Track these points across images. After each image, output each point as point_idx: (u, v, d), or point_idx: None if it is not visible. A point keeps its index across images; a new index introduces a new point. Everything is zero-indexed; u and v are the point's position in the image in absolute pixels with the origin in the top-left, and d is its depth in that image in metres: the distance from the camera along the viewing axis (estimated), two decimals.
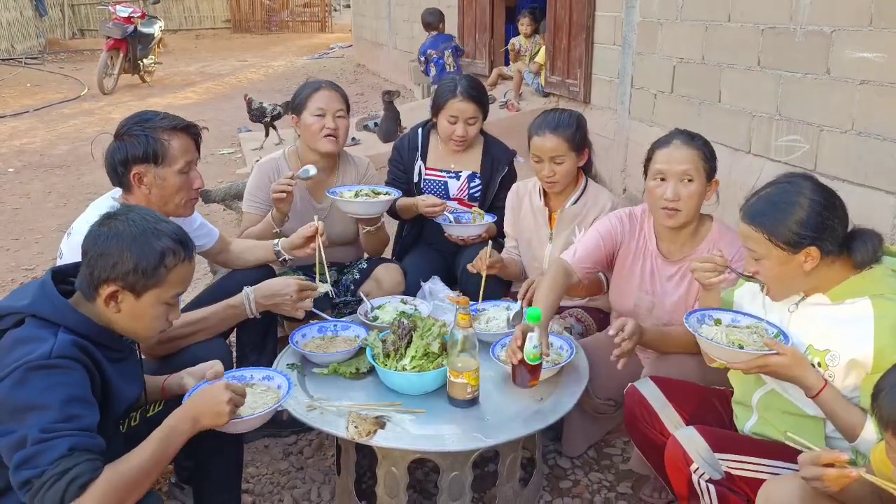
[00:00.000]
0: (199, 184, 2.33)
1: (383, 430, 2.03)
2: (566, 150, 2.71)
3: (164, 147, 2.20)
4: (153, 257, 1.67)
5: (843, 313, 1.77)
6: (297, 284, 2.38)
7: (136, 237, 1.68)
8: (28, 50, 15.66)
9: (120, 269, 1.65)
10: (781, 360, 1.74)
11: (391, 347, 2.27)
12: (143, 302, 1.70)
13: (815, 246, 1.73)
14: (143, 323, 1.74)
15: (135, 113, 2.29)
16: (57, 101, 10.57)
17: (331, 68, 13.45)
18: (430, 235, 3.26)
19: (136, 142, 2.19)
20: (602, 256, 2.51)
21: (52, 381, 1.53)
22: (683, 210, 2.29)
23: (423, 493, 2.46)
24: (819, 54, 3.43)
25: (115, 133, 2.26)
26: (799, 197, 1.76)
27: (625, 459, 2.65)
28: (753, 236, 1.79)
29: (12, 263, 4.71)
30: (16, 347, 1.58)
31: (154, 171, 2.21)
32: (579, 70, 6.03)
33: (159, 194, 2.23)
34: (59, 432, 1.49)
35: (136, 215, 1.73)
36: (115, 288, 1.66)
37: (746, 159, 3.97)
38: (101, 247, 1.67)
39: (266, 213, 2.93)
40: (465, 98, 3.08)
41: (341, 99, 2.95)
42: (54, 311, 1.65)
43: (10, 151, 7.77)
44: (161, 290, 1.71)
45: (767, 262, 1.79)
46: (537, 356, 2.08)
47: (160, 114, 2.28)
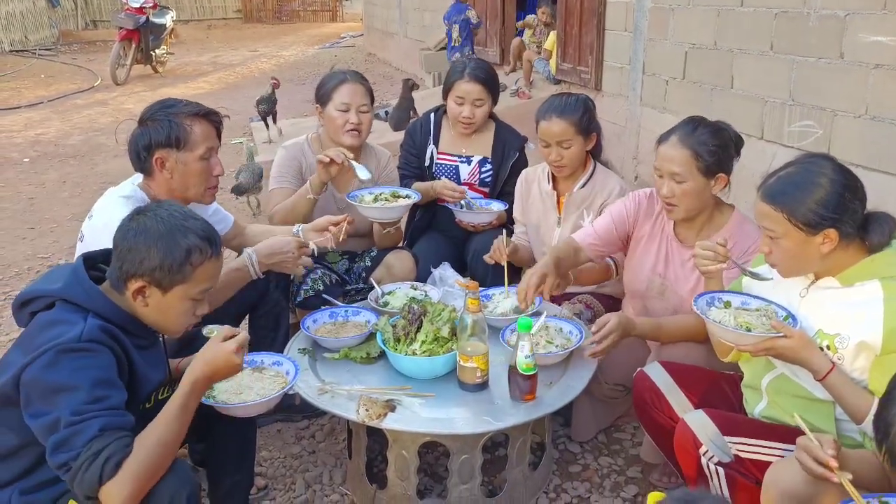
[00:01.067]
0: (220, 171, 2.35)
1: (394, 413, 2.06)
2: (573, 134, 2.71)
3: (186, 132, 2.23)
4: (179, 255, 1.69)
5: (853, 296, 1.77)
6: (297, 241, 2.39)
7: (163, 234, 1.69)
8: (41, 41, 15.75)
9: (147, 266, 1.68)
10: (788, 342, 1.74)
11: (402, 332, 2.29)
12: (169, 297, 1.72)
13: (835, 228, 1.72)
14: (170, 318, 1.76)
15: (159, 100, 2.33)
16: (70, 92, 10.64)
17: (342, 58, 13.44)
18: (441, 222, 3.27)
19: (159, 126, 2.22)
20: (614, 237, 2.53)
21: (81, 364, 1.57)
22: (680, 206, 2.29)
23: (433, 477, 2.48)
24: (833, 39, 3.41)
25: (140, 119, 2.30)
26: (820, 177, 1.74)
27: (635, 444, 2.66)
28: (772, 215, 1.77)
29: (28, 252, 4.77)
30: (46, 330, 1.62)
31: (176, 156, 2.23)
32: (590, 57, 6.01)
33: (180, 180, 2.26)
34: (89, 414, 1.53)
35: (164, 212, 1.74)
36: (142, 283, 1.69)
37: (759, 145, 3.94)
38: (130, 242, 1.69)
39: (295, 189, 2.91)
40: (472, 79, 3.08)
41: (366, 92, 2.95)
42: (85, 297, 1.68)
43: (26, 141, 7.83)
44: (187, 286, 1.72)
45: (784, 242, 1.77)
46: (531, 366, 2.06)
47: (183, 101, 2.31)
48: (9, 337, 3.61)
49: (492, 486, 2.41)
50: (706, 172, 2.23)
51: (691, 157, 2.21)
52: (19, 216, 5.51)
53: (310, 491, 2.46)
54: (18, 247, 4.89)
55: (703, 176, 2.23)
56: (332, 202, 2.99)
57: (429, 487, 2.43)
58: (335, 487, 2.48)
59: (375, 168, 3.08)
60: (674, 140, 2.25)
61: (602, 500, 2.40)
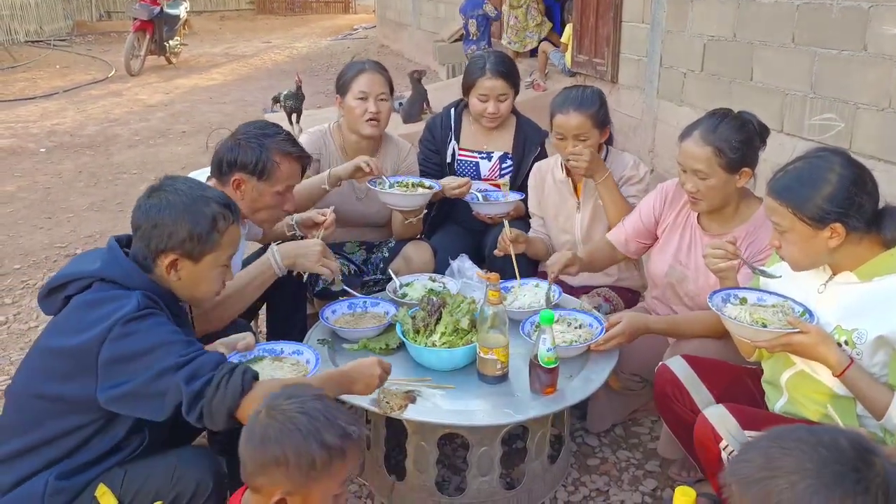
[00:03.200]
0: (290, 207, 2.39)
1: (414, 404, 2.05)
2: (590, 128, 2.69)
3: (274, 167, 2.25)
4: (206, 223, 1.73)
5: (871, 291, 1.76)
6: (322, 245, 2.39)
7: (187, 206, 1.73)
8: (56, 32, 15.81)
9: (176, 238, 1.71)
10: (805, 338, 1.73)
11: (421, 324, 2.28)
12: (201, 267, 1.76)
13: (841, 222, 1.71)
14: (203, 287, 1.81)
15: (260, 121, 2.36)
16: (85, 83, 10.68)
17: (355, 49, 13.41)
18: (460, 214, 3.26)
19: (250, 152, 2.23)
20: (642, 230, 2.58)
21: (154, 324, 1.63)
22: (704, 200, 2.28)
23: (451, 469, 2.48)
24: (855, 30, 3.37)
25: (234, 133, 2.31)
26: (828, 172, 1.73)
27: (653, 438, 2.65)
28: (778, 210, 1.77)
29: (46, 241, 4.80)
30: (95, 308, 1.64)
31: (255, 184, 2.25)
32: (607, 49, 5.97)
33: (250, 205, 2.28)
34: (195, 351, 1.61)
35: (182, 185, 1.78)
36: (174, 257, 1.72)
37: (778, 138, 3.91)
38: (154, 219, 1.72)
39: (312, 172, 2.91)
40: (494, 75, 3.06)
41: (384, 82, 2.94)
42: (124, 275, 1.71)
43: (42, 132, 7.87)
44: (217, 253, 1.77)
45: (791, 236, 1.77)
46: (552, 359, 2.06)
47: (282, 133, 2.32)
48: (27, 325, 3.64)
49: (510, 478, 2.41)
50: (729, 168, 2.21)
51: (714, 154, 2.19)
52: (36, 206, 5.55)
53: None
54: (36, 236, 4.92)
55: (727, 172, 2.21)
56: (351, 190, 2.98)
57: (447, 479, 2.43)
58: (353, 478, 2.48)
59: (396, 158, 3.08)
60: (696, 136, 2.23)
61: (621, 493, 2.39)
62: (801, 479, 1.01)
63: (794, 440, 1.07)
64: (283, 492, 1.38)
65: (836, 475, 1.00)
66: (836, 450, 1.03)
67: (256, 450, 1.39)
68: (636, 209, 2.62)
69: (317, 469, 1.37)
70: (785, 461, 1.04)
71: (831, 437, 1.05)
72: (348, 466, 1.43)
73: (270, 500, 1.38)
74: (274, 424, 1.39)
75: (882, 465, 1.02)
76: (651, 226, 2.56)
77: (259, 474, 1.39)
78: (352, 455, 1.43)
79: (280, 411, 1.41)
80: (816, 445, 1.04)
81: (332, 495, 1.44)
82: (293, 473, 1.37)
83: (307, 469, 1.37)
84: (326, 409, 1.43)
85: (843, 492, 0.98)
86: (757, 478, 1.04)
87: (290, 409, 1.40)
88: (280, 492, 1.38)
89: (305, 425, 1.38)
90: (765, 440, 1.11)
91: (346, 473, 1.44)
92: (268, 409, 1.42)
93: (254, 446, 1.39)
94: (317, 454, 1.37)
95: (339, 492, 1.45)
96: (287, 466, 1.36)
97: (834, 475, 1.00)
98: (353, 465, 1.45)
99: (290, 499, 1.39)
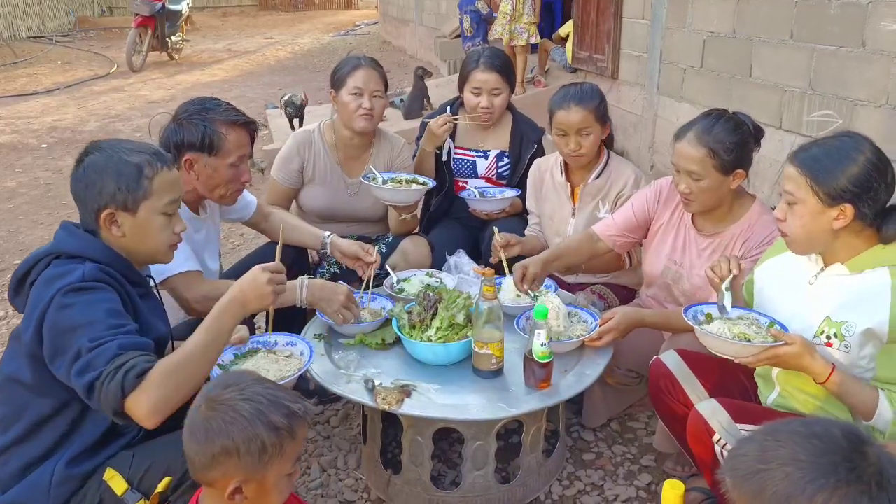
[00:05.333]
0: (247, 178, 2.36)
1: (409, 399, 2.06)
2: (593, 122, 2.69)
3: (221, 139, 2.23)
4: (132, 171, 1.72)
5: (862, 284, 1.76)
6: (348, 294, 2.37)
7: (110, 159, 1.73)
8: (58, 28, 15.84)
9: (107, 192, 1.71)
10: (791, 349, 1.74)
11: (417, 319, 2.29)
12: (140, 217, 1.75)
13: (853, 204, 1.71)
14: (151, 238, 1.79)
15: (197, 98, 2.31)
16: (87, 79, 10.71)
17: (357, 45, 13.42)
18: (457, 210, 3.27)
19: (194, 129, 2.21)
20: (634, 225, 2.55)
21: (90, 299, 1.60)
22: (696, 201, 2.28)
23: (447, 463, 2.49)
24: (854, 26, 3.36)
25: (174, 115, 2.28)
26: (856, 153, 1.72)
27: (648, 433, 2.66)
28: (796, 178, 1.76)
29: (46, 237, 4.81)
30: (48, 284, 1.64)
31: (206, 161, 2.24)
32: (607, 45, 5.96)
33: (206, 183, 2.26)
34: (106, 338, 1.56)
35: (105, 144, 1.78)
36: (109, 211, 1.72)
37: (777, 135, 3.91)
38: (84, 180, 1.73)
39: (292, 186, 2.95)
40: (487, 68, 3.06)
41: (379, 78, 2.95)
42: (78, 245, 1.71)
43: (43, 127, 7.90)
44: (151, 200, 1.75)
45: (799, 209, 1.76)
46: (546, 354, 2.07)
47: (222, 104, 2.29)
48: None
49: (505, 472, 2.42)
50: (723, 170, 2.20)
51: (708, 156, 2.19)
52: (37, 201, 5.57)
53: (325, 475, 2.48)
54: (36, 231, 4.94)
55: (720, 173, 2.21)
56: (344, 187, 3.00)
57: (443, 474, 2.44)
58: (350, 472, 2.49)
59: (389, 154, 3.09)
60: (690, 137, 2.22)
61: (616, 487, 2.40)
62: (794, 469, 1.01)
63: (787, 432, 1.07)
64: (237, 481, 1.38)
65: (830, 465, 1.00)
66: (829, 440, 1.03)
67: (203, 444, 1.38)
68: (629, 202, 2.60)
69: (268, 452, 1.37)
70: (779, 453, 1.05)
71: (824, 428, 1.06)
72: (298, 444, 1.44)
73: (226, 491, 1.39)
74: (217, 416, 1.38)
75: (876, 454, 1.02)
76: (643, 221, 2.55)
77: (210, 468, 1.39)
78: (300, 433, 1.44)
79: (220, 402, 1.40)
80: (810, 437, 1.04)
81: (286, 475, 1.45)
82: (245, 461, 1.37)
83: (259, 454, 1.37)
84: (268, 391, 1.42)
85: (836, 481, 0.98)
86: (752, 471, 1.05)
87: (231, 398, 1.39)
88: (235, 481, 1.38)
89: (249, 411, 1.37)
90: (759, 434, 1.12)
91: (297, 451, 1.45)
92: (207, 401, 1.41)
93: (199, 441, 1.39)
94: (266, 437, 1.37)
95: (291, 471, 1.46)
96: (238, 455, 1.36)
97: (827, 465, 1.00)
98: (302, 442, 1.46)
99: (245, 486, 1.40)
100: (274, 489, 1.43)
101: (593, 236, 2.60)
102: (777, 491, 1.01)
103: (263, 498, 1.43)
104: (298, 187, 3.00)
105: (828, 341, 1.80)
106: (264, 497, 1.43)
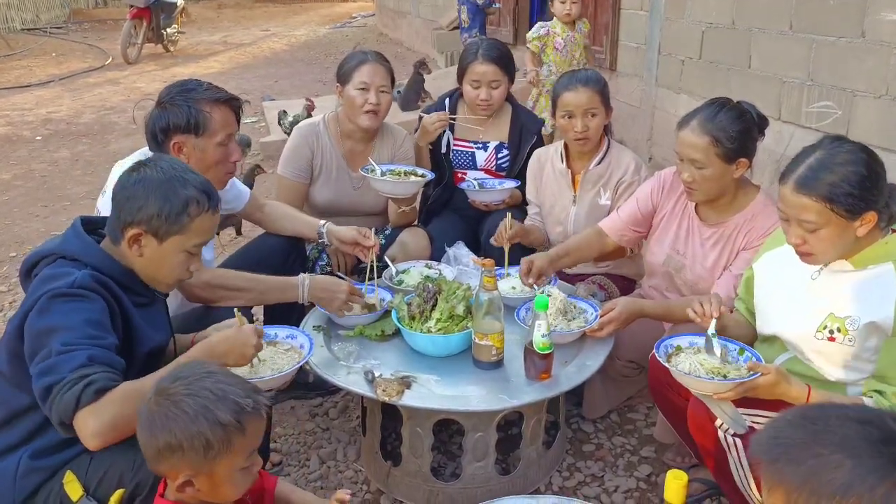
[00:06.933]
0: (237, 157, 2.34)
1: (409, 390, 2.06)
2: (599, 103, 2.70)
3: (206, 118, 2.20)
4: (178, 204, 1.70)
5: (865, 279, 1.76)
6: (350, 288, 2.37)
7: (162, 183, 1.70)
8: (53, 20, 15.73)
9: (144, 213, 1.69)
10: (769, 378, 1.73)
11: (416, 310, 2.28)
12: (165, 248, 1.73)
13: (874, 210, 1.69)
14: (164, 269, 1.77)
15: (178, 81, 2.29)
16: (82, 71, 10.64)
17: (353, 37, 13.36)
18: (457, 202, 3.26)
19: (178, 111, 2.19)
20: (639, 218, 2.54)
21: (73, 307, 1.59)
22: (699, 190, 2.27)
23: (447, 454, 2.49)
24: (854, 17, 3.35)
25: (158, 100, 2.26)
26: (854, 164, 1.68)
27: (648, 424, 2.66)
28: (812, 207, 1.69)
29: (42, 229, 4.79)
30: (43, 283, 1.64)
31: (194, 142, 2.21)
32: (605, 36, 5.95)
33: (197, 165, 2.24)
34: (79, 345, 1.54)
35: (165, 163, 1.76)
36: (138, 231, 1.70)
37: (776, 126, 3.90)
38: (129, 191, 1.71)
39: (301, 179, 2.93)
40: (486, 60, 3.04)
41: (386, 73, 2.92)
42: (81, 250, 1.70)
43: (38, 120, 7.85)
44: (183, 237, 1.73)
45: (824, 232, 1.71)
46: (547, 345, 2.06)
47: (203, 84, 2.27)
48: None
49: (505, 464, 2.41)
50: (726, 159, 2.19)
51: (711, 144, 2.17)
52: (33, 194, 5.54)
53: (324, 467, 2.48)
54: (32, 224, 4.92)
55: (724, 162, 2.20)
56: (349, 180, 2.98)
57: (443, 465, 2.43)
58: (349, 464, 2.49)
59: (391, 146, 3.07)
60: (694, 125, 2.21)
61: (616, 479, 2.40)
62: (848, 457, 0.94)
63: (835, 417, 1.00)
64: (186, 475, 1.37)
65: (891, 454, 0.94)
66: (885, 428, 0.97)
67: (149, 438, 1.37)
68: (633, 196, 2.60)
69: (214, 449, 1.35)
70: (829, 437, 0.98)
71: (877, 415, 1.01)
72: (250, 439, 1.41)
73: (175, 484, 1.38)
74: (161, 411, 1.36)
75: None
76: (648, 214, 2.54)
77: (158, 462, 1.38)
78: (252, 427, 1.40)
79: (166, 396, 1.38)
80: (864, 423, 0.98)
81: (239, 469, 1.42)
82: (190, 457, 1.35)
83: (204, 451, 1.35)
84: (217, 385, 1.39)
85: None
86: (799, 456, 0.98)
87: (177, 393, 1.37)
88: (183, 475, 1.37)
89: (192, 407, 1.35)
90: (799, 417, 1.04)
91: (251, 446, 1.42)
92: (156, 394, 1.40)
93: (146, 435, 1.38)
94: (210, 434, 1.34)
95: (246, 465, 1.43)
96: (182, 451, 1.34)
97: (889, 454, 0.94)
98: (256, 437, 1.43)
99: (195, 480, 1.38)
100: (226, 483, 1.41)
101: (600, 232, 2.60)
102: (833, 478, 0.94)
103: (216, 490, 1.42)
104: (309, 182, 2.96)
105: (830, 336, 1.80)
106: (217, 489, 1.42)
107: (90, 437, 1.51)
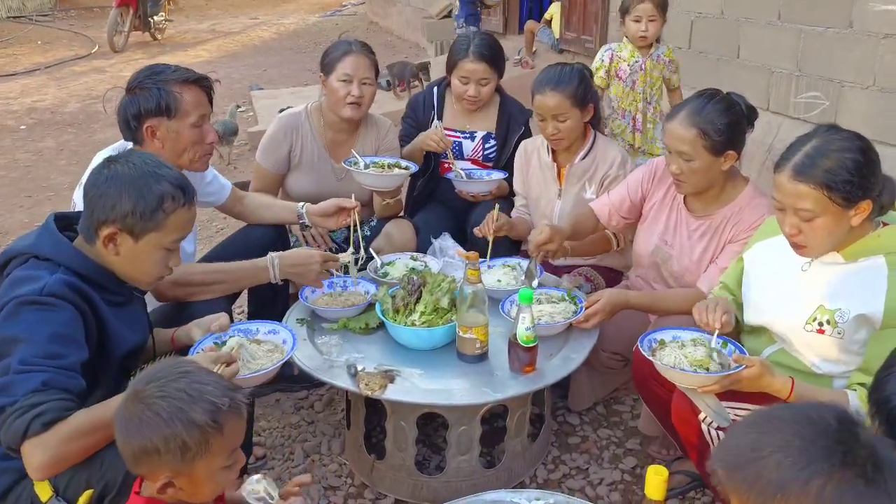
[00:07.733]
0: (213, 138, 2.30)
1: (393, 384, 2.04)
2: (569, 107, 2.65)
3: (177, 100, 2.17)
4: (152, 200, 1.66)
5: (855, 271, 1.76)
6: (321, 256, 2.35)
7: (135, 179, 1.67)
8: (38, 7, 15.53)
9: (118, 211, 1.65)
10: (753, 370, 1.73)
11: (401, 303, 2.27)
12: (141, 245, 1.69)
13: (870, 198, 1.69)
14: (142, 267, 1.74)
15: (145, 66, 2.26)
16: (68, 59, 10.52)
17: (343, 26, 13.26)
18: (443, 193, 3.24)
19: (148, 95, 2.16)
20: (628, 205, 2.54)
21: (39, 317, 1.55)
22: (688, 182, 2.26)
23: (431, 448, 2.48)
24: (842, 7, 3.34)
25: (127, 87, 2.23)
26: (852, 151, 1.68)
27: (634, 416, 2.66)
28: (810, 195, 1.68)
29: (26, 220, 4.74)
30: (15, 286, 1.60)
31: (167, 125, 2.18)
32: (595, 26, 5.93)
33: (172, 148, 2.22)
34: (37, 366, 1.50)
35: (137, 158, 1.72)
36: (113, 230, 1.66)
37: (765, 116, 3.89)
38: (101, 188, 1.67)
39: (277, 170, 2.90)
40: (476, 58, 3.01)
41: (370, 65, 2.88)
42: (54, 250, 1.66)
43: (22, 109, 7.76)
44: (159, 234, 1.70)
45: (820, 221, 1.70)
46: (531, 338, 2.05)
47: (171, 67, 2.24)
48: None
49: (490, 457, 2.41)
50: (714, 151, 2.18)
51: (698, 136, 2.16)
52: (16, 184, 5.48)
53: (308, 460, 2.46)
54: (16, 214, 4.87)
55: (711, 154, 2.18)
56: (331, 171, 2.95)
57: (427, 458, 2.43)
58: (333, 457, 2.48)
59: (375, 137, 3.04)
60: (681, 117, 2.19)
61: (601, 471, 2.40)
62: (787, 456, 0.98)
63: (778, 419, 1.05)
64: (165, 476, 1.35)
65: (824, 450, 0.97)
66: (821, 425, 1.00)
67: (126, 441, 1.35)
68: (623, 182, 2.59)
69: (192, 450, 1.32)
70: (771, 440, 1.02)
71: (816, 412, 1.03)
72: (228, 439, 1.37)
73: (156, 485, 1.36)
74: (135, 414, 1.34)
75: (868, 436, 1.00)
76: (637, 201, 2.53)
77: (136, 464, 1.36)
78: (230, 426, 1.37)
79: (141, 398, 1.35)
80: (802, 422, 1.02)
81: (221, 468, 1.39)
82: (168, 459, 1.32)
83: (181, 453, 1.32)
84: (192, 385, 1.35)
85: (830, 466, 0.96)
86: (744, 460, 1.02)
87: (151, 395, 1.34)
88: (163, 477, 1.35)
89: (166, 409, 1.32)
90: (749, 422, 1.09)
91: (230, 445, 1.39)
92: (132, 395, 1.37)
93: (122, 439, 1.36)
94: (186, 436, 1.31)
95: (227, 463, 1.40)
96: (159, 454, 1.32)
97: (821, 450, 0.97)
98: (235, 436, 1.39)
99: (176, 480, 1.36)
100: (207, 482, 1.39)
101: (590, 214, 2.61)
102: (771, 479, 0.98)
103: (198, 489, 1.39)
104: (285, 172, 2.94)
105: (820, 328, 1.80)
106: (198, 488, 1.39)
107: (35, 470, 1.49)
